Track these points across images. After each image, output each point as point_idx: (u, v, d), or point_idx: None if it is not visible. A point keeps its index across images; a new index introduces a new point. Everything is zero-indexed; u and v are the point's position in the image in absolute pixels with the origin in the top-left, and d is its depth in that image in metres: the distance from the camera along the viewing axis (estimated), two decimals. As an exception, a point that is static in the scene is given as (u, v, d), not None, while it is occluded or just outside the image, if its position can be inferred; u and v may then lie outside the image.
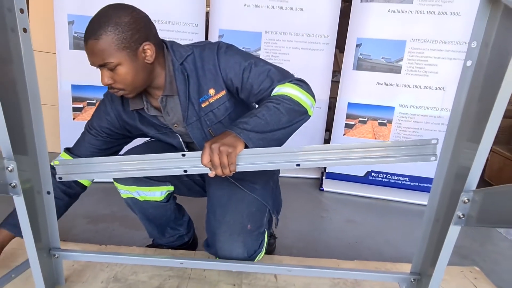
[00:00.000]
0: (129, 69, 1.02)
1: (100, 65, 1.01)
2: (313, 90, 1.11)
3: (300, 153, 0.94)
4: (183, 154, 0.97)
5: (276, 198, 1.38)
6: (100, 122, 1.23)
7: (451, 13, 2.20)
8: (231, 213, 1.21)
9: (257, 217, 1.24)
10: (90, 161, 1.03)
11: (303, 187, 2.55)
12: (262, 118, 0.98)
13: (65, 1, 2.22)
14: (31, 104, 0.91)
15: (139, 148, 1.29)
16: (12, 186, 0.86)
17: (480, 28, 0.79)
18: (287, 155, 0.94)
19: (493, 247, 1.90)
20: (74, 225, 1.81)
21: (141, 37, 1.02)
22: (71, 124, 2.39)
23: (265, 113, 0.99)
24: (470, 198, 0.83)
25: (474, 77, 0.83)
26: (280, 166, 0.97)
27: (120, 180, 1.25)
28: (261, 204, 1.26)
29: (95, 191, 2.20)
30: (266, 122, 0.98)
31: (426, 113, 2.37)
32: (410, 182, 2.50)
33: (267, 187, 1.31)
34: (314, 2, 2.50)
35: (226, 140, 0.93)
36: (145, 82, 1.09)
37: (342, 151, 0.94)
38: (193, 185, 1.40)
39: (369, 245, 1.83)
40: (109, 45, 0.97)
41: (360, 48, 2.37)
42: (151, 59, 1.06)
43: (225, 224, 1.19)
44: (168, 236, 1.46)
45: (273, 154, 0.95)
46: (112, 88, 1.06)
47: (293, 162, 0.95)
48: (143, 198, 1.28)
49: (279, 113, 1.00)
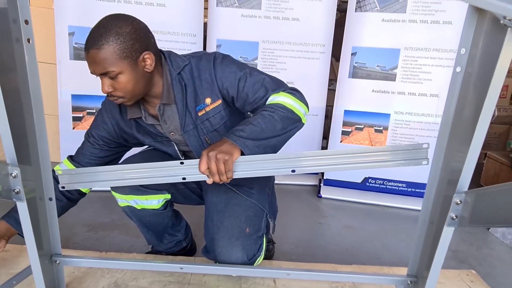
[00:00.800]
0: (130, 77, 1.05)
1: (101, 73, 1.04)
2: (310, 98, 1.15)
3: (295, 159, 0.96)
4: (182, 162, 0.99)
5: (272, 204, 1.40)
6: (98, 131, 1.26)
7: (443, 22, 2.25)
8: (229, 218, 1.23)
9: (255, 221, 1.26)
10: (91, 171, 1.06)
11: (301, 194, 2.57)
12: (257, 125, 1.01)
13: (66, 13, 2.26)
14: (34, 112, 0.93)
15: (135, 157, 1.32)
16: (15, 192, 0.88)
17: (468, 36, 0.83)
18: (282, 161, 0.97)
19: (490, 251, 1.91)
20: (74, 233, 1.82)
21: (141, 47, 1.05)
22: (71, 133, 2.41)
23: (260, 121, 1.02)
24: (462, 199, 0.86)
25: (463, 82, 0.86)
26: (276, 172, 0.99)
27: (117, 189, 1.27)
28: (259, 208, 1.28)
29: (95, 200, 2.22)
30: (261, 129, 1.01)
31: (422, 119, 2.41)
32: (406, 188, 2.52)
33: (263, 192, 1.33)
34: (309, 13, 2.55)
35: (223, 148, 0.95)
36: (144, 90, 1.12)
37: (335, 156, 0.96)
38: (189, 193, 1.42)
39: (367, 250, 1.84)
40: (110, 54, 1.00)
41: (356, 56, 2.42)
42: (151, 68, 1.09)
43: (223, 228, 1.21)
44: (166, 243, 1.47)
45: (269, 160, 0.97)
46: (112, 96, 1.09)
47: (288, 168, 0.97)
48: (141, 206, 1.30)
49: (274, 120, 1.03)
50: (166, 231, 1.44)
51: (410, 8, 2.28)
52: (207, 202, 1.32)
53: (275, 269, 1.21)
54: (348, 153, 0.96)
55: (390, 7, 2.32)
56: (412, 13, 2.29)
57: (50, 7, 2.52)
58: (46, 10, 2.60)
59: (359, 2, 2.37)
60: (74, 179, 1.08)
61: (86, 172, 1.07)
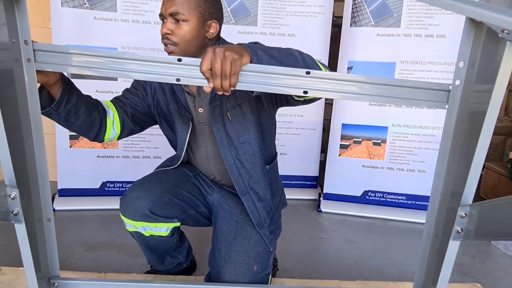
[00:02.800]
0: (192, 29, 1.11)
1: (170, 13, 1.09)
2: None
3: (311, 78, 0.87)
4: (179, 59, 0.86)
5: (276, 222, 1.38)
6: (138, 83, 1.32)
7: (437, 36, 2.29)
8: (237, 252, 1.19)
9: (264, 257, 1.22)
10: (70, 50, 0.90)
11: (301, 209, 2.55)
12: (277, 55, 0.95)
13: (63, 32, 2.27)
14: (33, 133, 0.93)
15: (151, 175, 1.32)
16: (14, 213, 0.87)
17: (466, 49, 0.83)
18: (295, 79, 0.87)
19: (493, 264, 1.90)
20: (71, 253, 1.79)
21: (214, 15, 1.15)
22: (68, 152, 2.39)
23: (282, 55, 0.96)
24: (467, 212, 0.85)
25: (463, 95, 0.87)
26: (286, 90, 0.89)
27: (127, 213, 1.23)
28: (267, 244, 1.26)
29: (93, 219, 2.19)
30: (280, 59, 0.94)
31: (419, 132, 2.42)
32: (406, 200, 2.51)
33: (275, 224, 1.32)
34: (305, 28, 2.58)
35: (233, 47, 0.87)
36: (195, 51, 1.15)
37: (356, 83, 0.87)
38: (199, 218, 1.39)
39: (370, 265, 1.82)
40: (189, 1, 1.09)
41: (352, 70, 2.44)
42: (211, 36, 1.16)
43: (231, 264, 1.18)
44: (167, 264, 1.44)
45: (280, 76, 0.86)
46: (167, 39, 1.12)
47: (300, 88, 0.87)
48: (149, 233, 1.27)
49: (296, 60, 0.97)
50: (168, 253, 1.41)
51: (404, 22, 2.32)
52: (216, 229, 1.29)
53: (278, 287, 1.19)
54: (368, 81, 0.87)
55: (384, 22, 2.35)
56: (406, 27, 2.32)
57: (48, 26, 2.54)
58: (44, 29, 2.61)
59: (354, 17, 2.40)
60: (49, 58, 0.91)
61: (64, 52, 0.89)
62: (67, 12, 2.25)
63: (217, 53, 0.83)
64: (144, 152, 2.51)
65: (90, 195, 2.45)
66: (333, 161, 2.57)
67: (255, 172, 1.26)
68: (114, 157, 2.47)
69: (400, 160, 2.48)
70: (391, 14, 2.34)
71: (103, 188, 2.48)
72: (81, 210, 2.30)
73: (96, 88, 2.32)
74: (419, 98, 0.90)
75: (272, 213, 1.33)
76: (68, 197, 2.40)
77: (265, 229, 1.27)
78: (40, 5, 2.51)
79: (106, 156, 2.46)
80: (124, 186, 2.52)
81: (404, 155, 2.44)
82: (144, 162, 2.51)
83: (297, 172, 2.80)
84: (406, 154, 2.44)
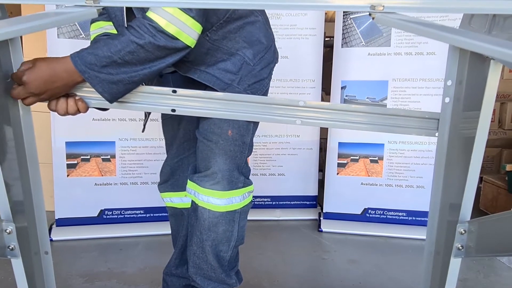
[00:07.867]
0: None
1: None
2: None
3: (303, 108, 0.88)
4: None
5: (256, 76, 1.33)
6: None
7: (427, 53, 2.33)
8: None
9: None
10: None
11: (301, 229, 2.52)
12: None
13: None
14: (29, 166, 0.92)
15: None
16: (10, 248, 0.86)
17: (453, 68, 0.85)
18: (289, 109, 0.90)
19: (498, 278, 1.87)
20: (69, 285, 1.76)
21: None
22: (65, 181, 2.38)
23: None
24: (466, 229, 0.85)
25: (453, 112, 0.88)
26: (280, 120, 0.93)
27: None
28: None
29: (91, 248, 2.16)
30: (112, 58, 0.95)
31: (415, 147, 2.43)
32: (407, 216, 2.49)
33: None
34: (298, 50, 2.63)
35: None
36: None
37: (347, 113, 0.88)
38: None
39: (373, 285, 1.79)
40: None
41: (345, 90, 2.47)
42: None
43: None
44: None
45: (273, 105, 0.94)
46: None
47: (294, 118, 0.89)
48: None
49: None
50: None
51: (394, 41, 2.37)
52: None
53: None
54: (360, 111, 0.87)
55: (375, 42, 2.40)
56: (397, 46, 2.37)
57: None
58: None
59: (345, 38, 2.45)
60: None
61: None
62: (63, 43, 2.30)
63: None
64: (142, 178, 2.50)
65: (88, 223, 2.41)
66: (331, 179, 2.57)
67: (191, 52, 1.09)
68: (112, 184, 2.46)
69: (398, 177, 2.47)
70: (380, 34, 2.39)
71: (101, 216, 2.46)
72: (80, 240, 2.28)
73: (93, 117, 2.34)
74: (410, 126, 0.92)
75: (246, 67, 1.25)
76: (66, 227, 2.37)
77: (233, 87, 1.19)
78: (36, 36, 2.57)
79: (103, 184, 2.44)
80: (123, 213, 2.49)
81: (402, 171, 2.44)
82: (142, 188, 2.49)
83: (296, 192, 2.79)
84: (403, 170, 2.45)
